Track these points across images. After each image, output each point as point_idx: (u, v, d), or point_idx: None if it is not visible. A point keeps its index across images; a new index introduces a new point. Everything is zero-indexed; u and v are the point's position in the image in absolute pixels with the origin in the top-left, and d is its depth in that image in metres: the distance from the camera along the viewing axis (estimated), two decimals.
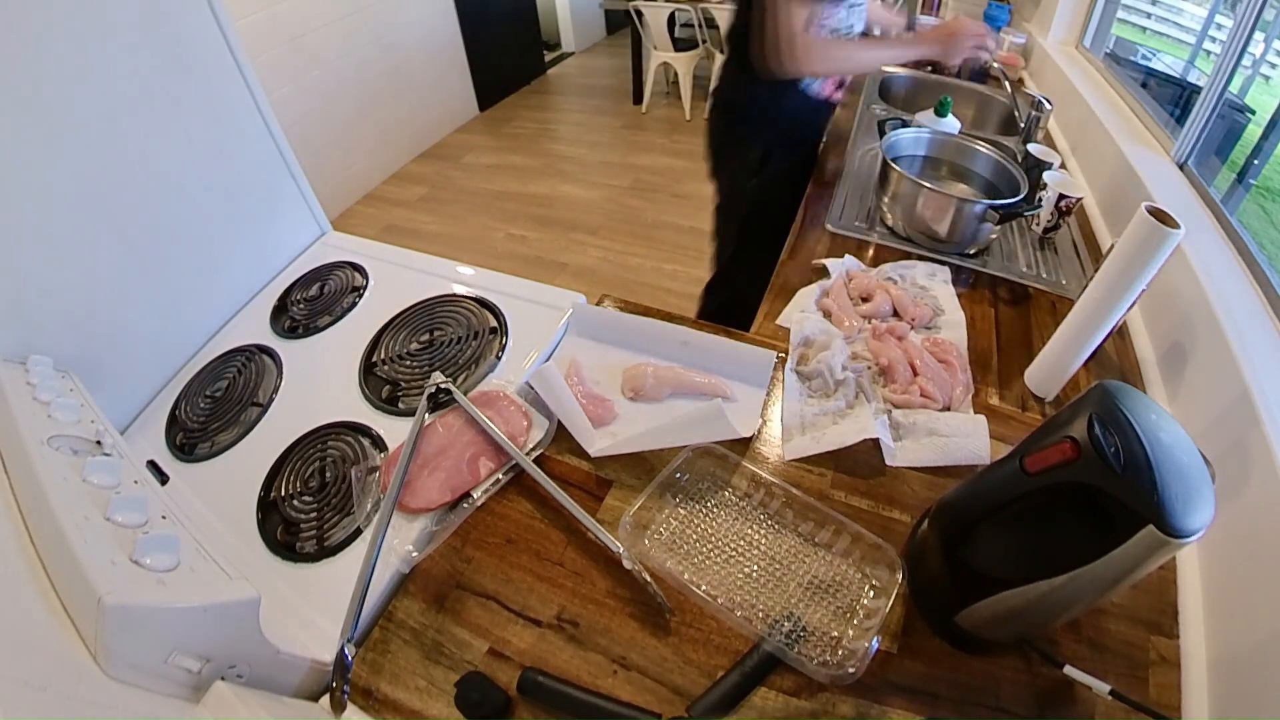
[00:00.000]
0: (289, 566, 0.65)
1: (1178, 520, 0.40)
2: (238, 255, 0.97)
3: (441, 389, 0.77)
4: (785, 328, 0.90)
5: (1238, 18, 1.16)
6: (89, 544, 0.43)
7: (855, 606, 0.59)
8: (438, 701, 0.54)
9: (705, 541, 0.64)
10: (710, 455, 0.70)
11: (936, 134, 1.22)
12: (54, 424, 0.57)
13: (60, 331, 0.71)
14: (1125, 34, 1.97)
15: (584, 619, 0.59)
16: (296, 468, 0.74)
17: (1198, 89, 1.26)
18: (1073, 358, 0.79)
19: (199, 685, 0.45)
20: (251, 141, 0.95)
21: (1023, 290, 1.01)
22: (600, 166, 3.52)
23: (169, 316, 0.87)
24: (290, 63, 2.69)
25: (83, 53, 0.69)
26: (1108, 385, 0.47)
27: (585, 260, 2.77)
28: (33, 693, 0.35)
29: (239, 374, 0.87)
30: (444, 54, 3.70)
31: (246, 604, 0.48)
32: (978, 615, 0.53)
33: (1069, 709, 0.55)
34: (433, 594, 0.61)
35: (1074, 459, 0.44)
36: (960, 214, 1.02)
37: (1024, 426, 0.78)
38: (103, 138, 0.73)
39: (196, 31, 0.83)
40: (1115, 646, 0.58)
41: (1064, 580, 0.46)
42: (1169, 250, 0.67)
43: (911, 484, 0.71)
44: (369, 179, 3.37)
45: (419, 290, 0.96)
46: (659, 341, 0.85)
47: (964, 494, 0.56)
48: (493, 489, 0.69)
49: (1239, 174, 1.16)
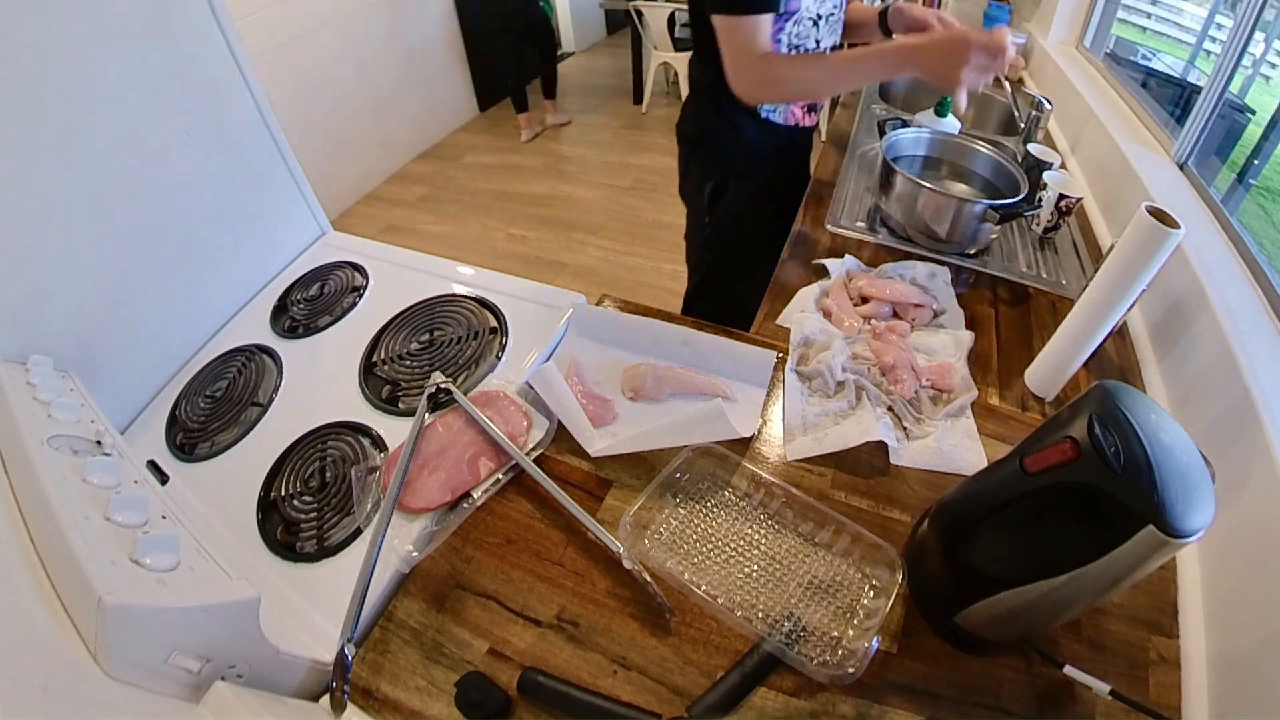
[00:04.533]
0: (289, 566, 0.65)
1: (1178, 520, 0.40)
2: (238, 255, 0.97)
3: (441, 389, 0.77)
4: (785, 328, 0.90)
5: (1238, 18, 1.16)
6: (89, 544, 0.43)
7: (855, 606, 0.59)
8: (438, 701, 0.54)
9: (705, 541, 0.64)
10: (710, 455, 0.70)
11: (936, 134, 1.22)
12: (54, 424, 0.57)
13: (60, 331, 0.71)
14: (1125, 34, 1.97)
15: (584, 619, 0.59)
16: (296, 468, 0.74)
17: (1198, 89, 1.26)
18: (1073, 358, 0.79)
19: (199, 685, 0.45)
20: (252, 141, 0.95)
21: (1023, 290, 1.01)
22: (600, 166, 3.52)
23: (169, 316, 0.87)
24: (290, 63, 2.70)
25: (83, 53, 0.69)
26: (1108, 385, 0.47)
27: (585, 260, 2.77)
28: (33, 693, 0.35)
29: (239, 374, 0.87)
30: (444, 54, 3.70)
31: (246, 604, 0.48)
32: (978, 615, 0.53)
33: (1069, 709, 0.55)
34: (433, 594, 0.61)
35: (1074, 459, 0.44)
36: (960, 214, 1.02)
37: (1024, 426, 0.78)
38: (103, 138, 0.73)
39: (197, 32, 0.83)
40: (1115, 646, 0.58)
41: (1064, 580, 0.46)
42: (1169, 250, 0.67)
43: (911, 484, 0.71)
44: (369, 179, 3.37)
45: (419, 290, 0.96)
46: (659, 341, 0.85)
47: (964, 494, 0.56)
48: (493, 489, 0.69)
49: (1239, 174, 1.16)
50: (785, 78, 0.98)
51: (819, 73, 0.98)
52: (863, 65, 0.96)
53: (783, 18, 0.98)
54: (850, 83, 1.03)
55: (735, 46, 0.95)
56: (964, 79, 0.85)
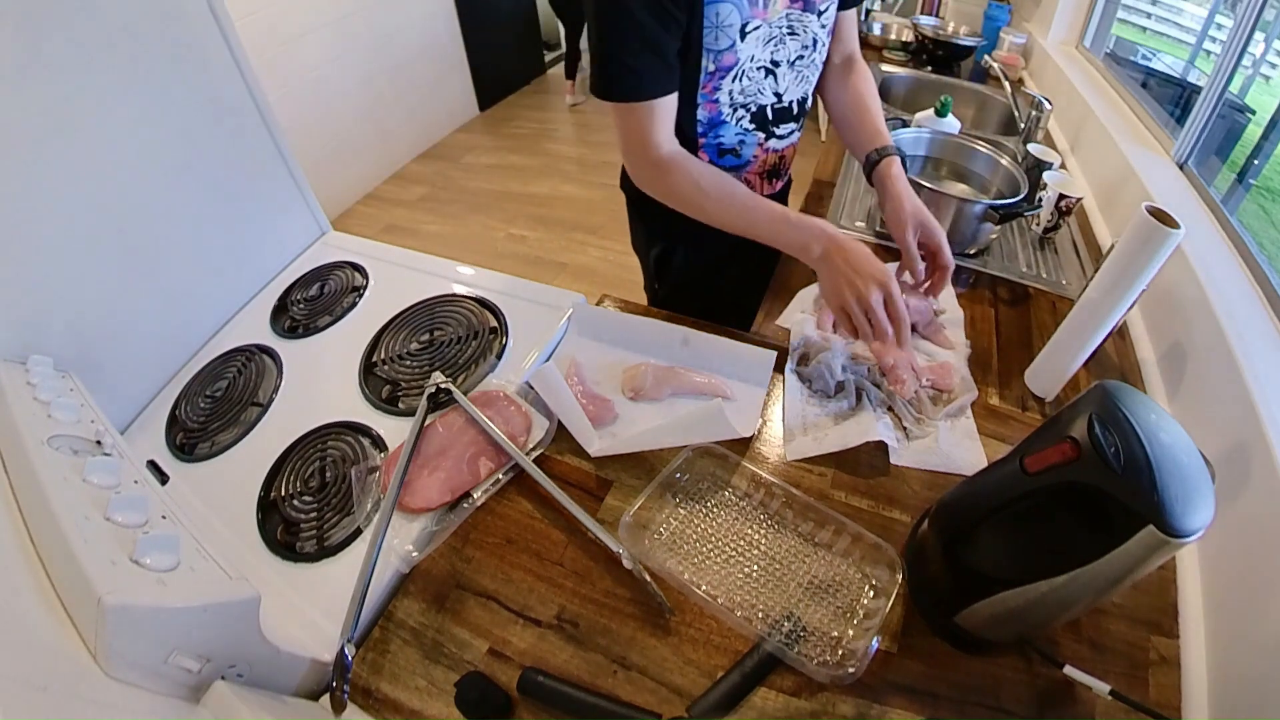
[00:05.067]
0: (289, 566, 0.65)
1: (1178, 520, 0.40)
2: (238, 255, 0.97)
3: (441, 389, 0.77)
4: (785, 328, 0.90)
5: (1238, 18, 1.16)
6: (89, 544, 0.43)
7: (855, 606, 0.59)
8: (438, 701, 0.54)
9: (705, 541, 0.64)
10: (710, 455, 0.70)
11: (936, 134, 1.22)
12: (54, 424, 0.57)
13: (60, 331, 0.71)
14: (1125, 34, 1.97)
15: (584, 619, 0.59)
16: (296, 468, 0.74)
17: (1198, 89, 1.26)
18: (1073, 358, 0.79)
19: (199, 685, 0.45)
20: (251, 141, 0.95)
21: (1023, 290, 1.01)
22: (601, 166, 3.51)
23: (169, 316, 0.87)
24: (290, 62, 2.70)
25: (82, 53, 0.69)
26: (1108, 385, 0.47)
27: (585, 260, 2.77)
28: (33, 693, 0.35)
29: (239, 374, 0.87)
30: (444, 54, 3.70)
31: (246, 604, 0.48)
32: (978, 615, 0.53)
33: (1069, 709, 0.55)
34: (433, 594, 0.61)
35: (1074, 459, 0.44)
36: (960, 214, 1.02)
37: (1024, 426, 0.78)
38: (102, 138, 0.73)
39: (197, 31, 0.83)
40: (1115, 646, 0.58)
41: (1064, 580, 0.46)
42: (1169, 250, 0.67)
43: (911, 484, 0.71)
44: (369, 179, 3.37)
45: (419, 290, 0.96)
46: (659, 341, 0.85)
47: (964, 494, 0.56)
48: (493, 489, 0.69)
49: (1239, 174, 1.16)
50: (676, 193, 0.82)
51: (716, 208, 0.81)
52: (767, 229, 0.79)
53: (716, 75, 0.81)
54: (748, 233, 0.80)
55: (625, 137, 0.81)
56: (841, 304, 0.74)
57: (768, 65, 0.84)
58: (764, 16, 0.79)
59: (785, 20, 0.82)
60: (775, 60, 0.84)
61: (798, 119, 0.96)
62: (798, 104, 0.93)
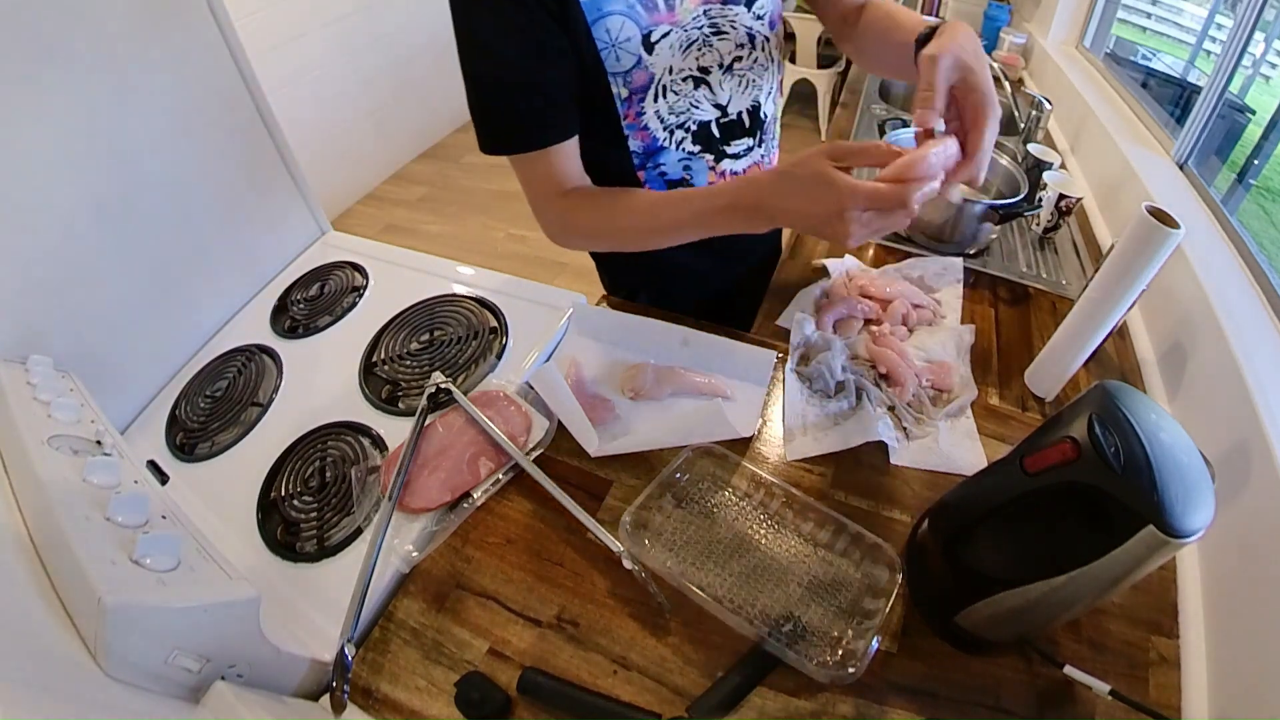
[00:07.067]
0: (289, 566, 0.65)
1: (1178, 520, 0.40)
2: (238, 255, 0.97)
3: (441, 389, 0.77)
4: (785, 328, 0.90)
5: (1238, 18, 1.16)
6: (89, 544, 0.43)
7: (855, 606, 0.59)
8: (438, 701, 0.54)
9: (705, 541, 0.64)
10: (710, 455, 0.70)
11: None
12: (54, 424, 0.57)
13: (60, 331, 0.71)
14: (1125, 34, 1.97)
15: (584, 619, 0.59)
16: (296, 468, 0.74)
17: (1198, 89, 1.26)
18: (1073, 358, 0.79)
19: (199, 685, 0.45)
20: (251, 141, 0.95)
21: (1023, 290, 1.01)
22: None
23: (169, 316, 0.87)
24: (290, 62, 2.69)
25: (81, 53, 0.69)
26: (1108, 385, 0.47)
27: (585, 260, 2.73)
28: (33, 693, 0.35)
29: (239, 374, 0.87)
30: (444, 54, 3.68)
31: (246, 604, 0.48)
32: (978, 615, 0.53)
33: (1069, 709, 0.55)
34: (433, 594, 0.61)
35: (1074, 459, 0.44)
36: (960, 214, 1.02)
37: (1024, 426, 0.78)
38: (102, 138, 0.73)
39: (196, 31, 0.83)
40: (1115, 646, 0.58)
41: (1064, 580, 0.46)
42: (1169, 250, 0.67)
43: (911, 484, 0.71)
44: (369, 179, 3.37)
45: (419, 290, 0.96)
46: (659, 341, 0.85)
47: (964, 494, 0.56)
48: (493, 489, 0.69)
49: (1239, 174, 1.17)
50: (584, 227, 0.74)
51: (630, 221, 0.70)
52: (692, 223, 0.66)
53: (634, 99, 0.71)
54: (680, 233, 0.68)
55: (526, 186, 0.73)
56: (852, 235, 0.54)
57: (694, 74, 0.72)
58: (671, 20, 0.68)
59: (703, 19, 0.70)
60: (704, 67, 0.72)
61: (754, 133, 0.81)
62: (749, 114, 0.79)
